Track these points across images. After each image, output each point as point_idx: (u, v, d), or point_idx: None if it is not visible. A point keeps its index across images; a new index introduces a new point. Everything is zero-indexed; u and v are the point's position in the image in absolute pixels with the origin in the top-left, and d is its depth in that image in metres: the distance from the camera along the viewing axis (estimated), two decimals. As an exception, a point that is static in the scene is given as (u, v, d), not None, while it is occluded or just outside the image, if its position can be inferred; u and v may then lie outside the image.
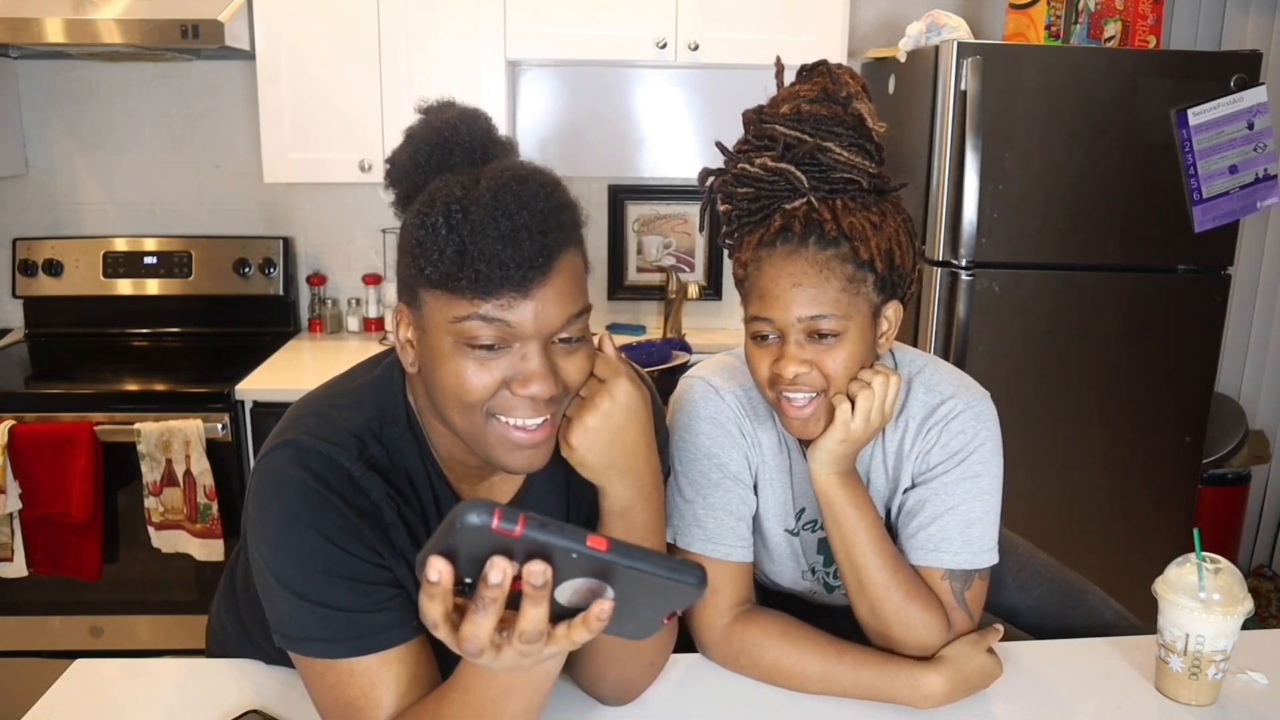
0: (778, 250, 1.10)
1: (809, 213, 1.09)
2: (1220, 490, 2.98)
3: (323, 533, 0.94)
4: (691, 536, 1.21)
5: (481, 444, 0.94)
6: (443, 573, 0.66)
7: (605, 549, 0.65)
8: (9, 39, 2.42)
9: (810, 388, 1.11)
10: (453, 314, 0.88)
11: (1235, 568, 1.15)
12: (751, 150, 1.15)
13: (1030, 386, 2.52)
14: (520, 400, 0.90)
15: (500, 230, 0.85)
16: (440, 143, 0.94)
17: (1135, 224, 2.47)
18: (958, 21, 2.46)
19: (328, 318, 3.00)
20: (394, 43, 2.57)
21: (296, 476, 0.95)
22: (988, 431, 1.20)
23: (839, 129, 1.12)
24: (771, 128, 1.13)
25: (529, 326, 0.88)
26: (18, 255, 2.86)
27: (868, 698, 1.15)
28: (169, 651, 2.50)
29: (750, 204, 1.14)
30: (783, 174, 1.11)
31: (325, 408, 1.01)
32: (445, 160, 0.93)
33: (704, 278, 3.11)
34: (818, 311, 1.08)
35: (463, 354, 0.89)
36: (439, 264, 0.87)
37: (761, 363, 1.13)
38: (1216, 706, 1.15)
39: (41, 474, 2.31)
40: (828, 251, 1.09)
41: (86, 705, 1.13)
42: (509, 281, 0.86)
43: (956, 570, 1.18)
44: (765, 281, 1.11)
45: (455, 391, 0.91)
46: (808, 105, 1.12)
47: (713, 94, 3.01)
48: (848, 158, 1.11)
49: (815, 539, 1.30)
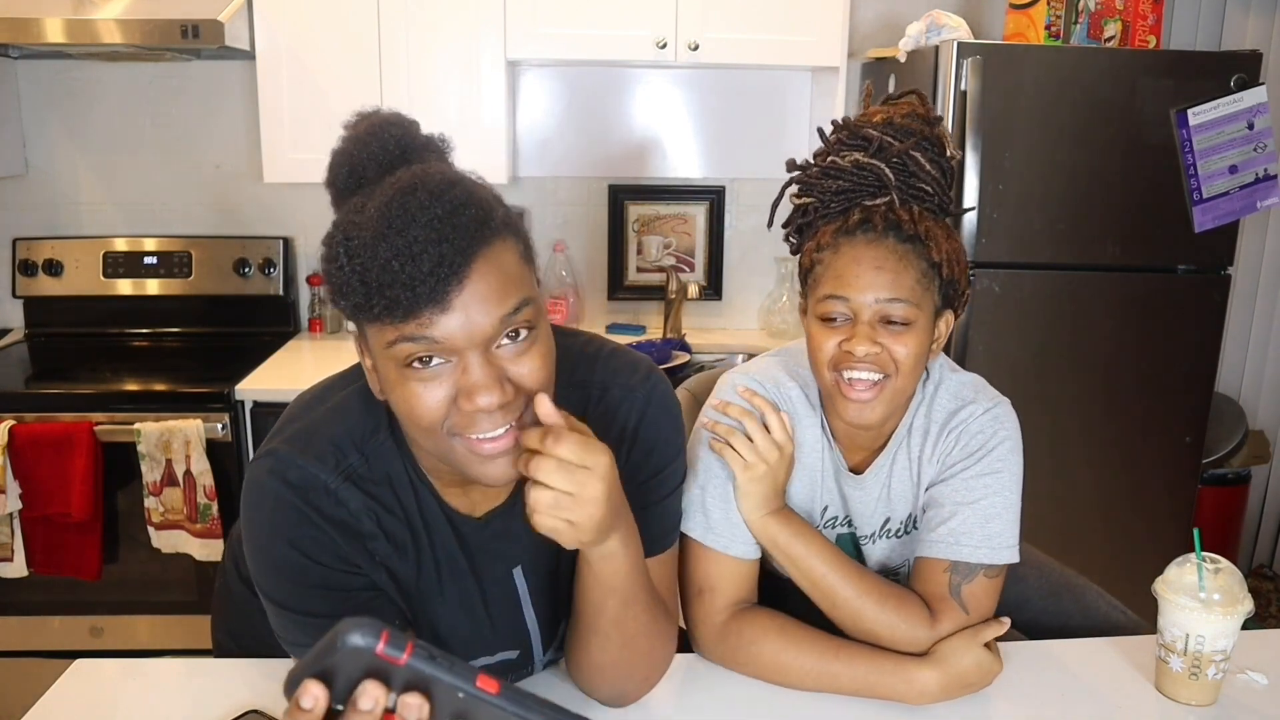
0: (858, 238, 1.15)
1: (889, 210, 1.15)
2: (1220, 490, 2.98)
3: (296, 545, 0.96)
4: (694, 522, 1.23)
5: (453, 461, 0.92)
6: (318, 699, 0.57)
7: (496, 693, 0.58)
8: (9, 39, 2.42)
9: (878, 368, 1.14)
10: (384, 340, 0.85)
11: (1235, 568, 1.15)
12: (842, 147, 1.20)
13: (1030, 386, 2.52)
14: (473, 415, 0.86)
15: (394, 248, 0.81)
16: (349, 163, 0.89)
17: (1135, 224, 2.47)
18: (958, 21, 2.46)
19: (328, 318, 3.00)
20: (394, 42, 2.57)
21: (274, 488, 0.96)
22: (1006, 431, 1.23)
23: (925, 144, 1.18)
24: (865, 130, 1.19)
25: (458, 339, 0.84)
26: (18, 255, 2.86)
27: (863, 694, 1.16)
28: (169, 651, 2.50)
29: (834, 196, 1.19)
30: (873, 170, 1.17)
31: (311, 415, 1.01)
32: (359, 179, 0.89)
33: (704, 278, 3.11)
34: (894, 295, 1.13)
35: (406, 377, 0.86)
36: (350, 296, 0.83)
37: (829, 341, 1.17)
38: (1216, 706, 1.15)
39: (41, 474, 2.31)
40: (905, 246, 1.14)
41: (86, 705, 1.13)
42: (420, 299, 0.81)
43: (960, 563, 1.18)
44: (844, 263, 1.15)
45: (410, 417, 0.88)
46: (900, 119, 1.19)
47: (713, 94, 3.01)
48: (930, 170, 1.17)
49: (834, 535, 1.31)
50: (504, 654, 1.13)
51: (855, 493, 1.28)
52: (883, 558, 1.33)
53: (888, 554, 1.32)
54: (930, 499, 1.24)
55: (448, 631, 1.08)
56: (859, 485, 1.27)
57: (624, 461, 1.07)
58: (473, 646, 1.11)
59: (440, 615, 1.07)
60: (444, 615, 1.07)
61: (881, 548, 1.31)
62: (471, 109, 2.63)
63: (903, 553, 1.32)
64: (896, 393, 1.16)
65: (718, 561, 1.22)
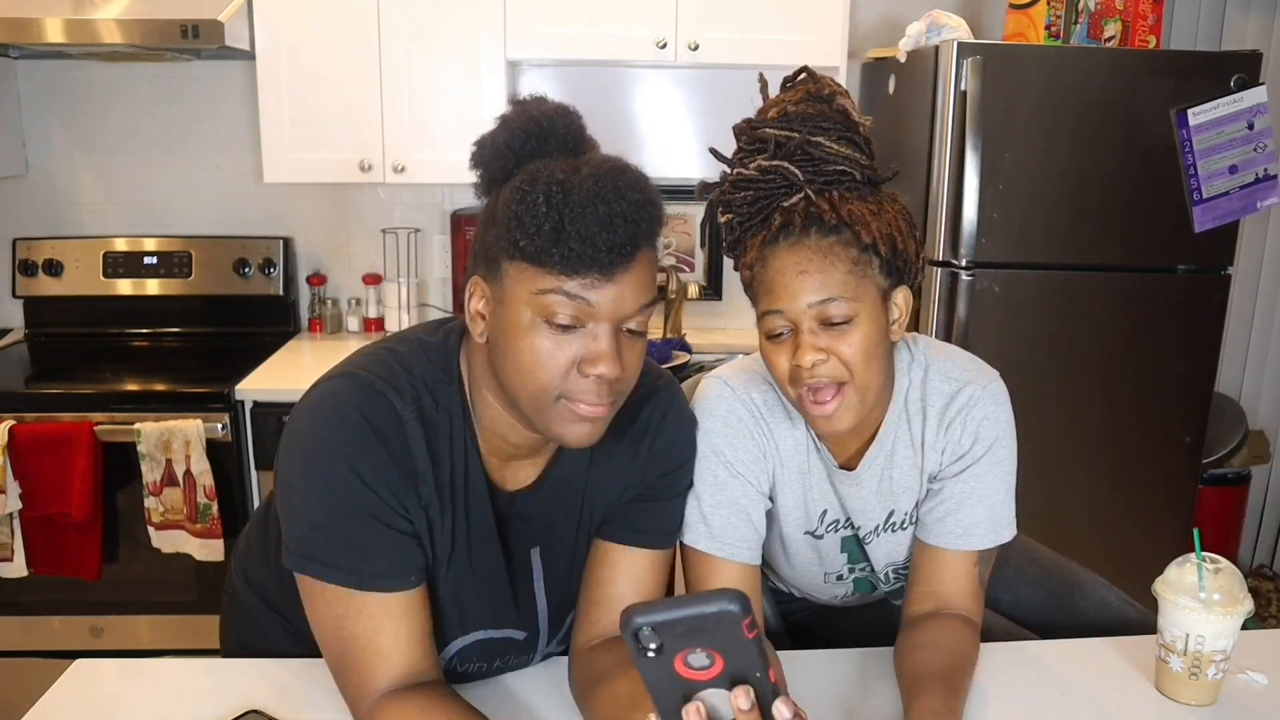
0: (780, 245, 1.11)
1: (807, 206, 1.11)
2: (1220, 490, 2.98)
3: (356, 469, 0.96)
4: (697, 534, 1.21)
5: (543, 417, 0.97)
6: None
7: (774, 681, 0.67)
8: (9, 39, 2.42)
9: (831, 378, 1.11)
10: (537, 286, 0.92)
11: (1235, 568, 1.15)
12: (745, 156, 1.16)
13: (1030, 386, 2.51)
14: (588, 383, 0.94)
15: (598, 214, 0.90)
16: (537, 131, 0.98)
17: (1135, 224, 2.47)
18: (958, 21, 2.46)
19: (328, 318, 3.00)
20: (394, 43, 2.57)
21: (347, 407, 0.98)
22: (1005, 414, 1.23)
23: (826, 124, 1.13)
24: (761, 131, 1.15)
25: (606, 309, 0.92)
26: (18, 255, 2.86)
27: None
28: (169, 651, 2.50)
29: (749, 207, 1.15)
30: (777, 171, 1.12)
31: (388, 353, 1.04)
32: (541, 147, 0.98)
33: (704, 278, 3.11)
34: (826, 295, 1.09)
35: (539, 329, 0.93)
36: (534, 238, 0.90)
37: (779, 359, 1.14)
38: (1216, 706, 1.15)
39: (41, 474, 2.31)
40: (830, 239, 1.10)
41: (86, 705, 1.13)
42: (597, 263, 0.90)
43: (985, 552, 1.23)
44: (771, 275, 1.12)
45: (530, 368, 0.94)
46: (793, 107, 1.15)
47: (713, 94, 3.01)
48: (838, 150, 1.13)
49: (839, 539, 1.30)
50: (511, 631, 1.14)
51: (851, 490, 1.26)
52: (888, 554, 1.32)
53: (892, 549, 1.31)
54: (942, 489, 1.23)
55: (465, 596, 1.09)
56: (854, 482, 1.25)
57: (645, 451, 1.12)
58: (484, 617, 1.12)
59: (462, 578, 1.08)
60: (465, 579, 1.08)
61: (885, 543, 1.30)
62: (471, 109, 2.62)
63: (908, 546, 1.31)
64: (862, 392, 1.13)
65: (720, 568, 1.21)
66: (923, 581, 1.25)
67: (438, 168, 2.64)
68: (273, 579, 1.21)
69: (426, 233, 3.02)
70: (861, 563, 1.33)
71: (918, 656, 1.14)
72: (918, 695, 1.06)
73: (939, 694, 1.05)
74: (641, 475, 1.14)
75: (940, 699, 1.04)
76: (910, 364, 1.24)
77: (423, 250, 3.02)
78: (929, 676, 1.09)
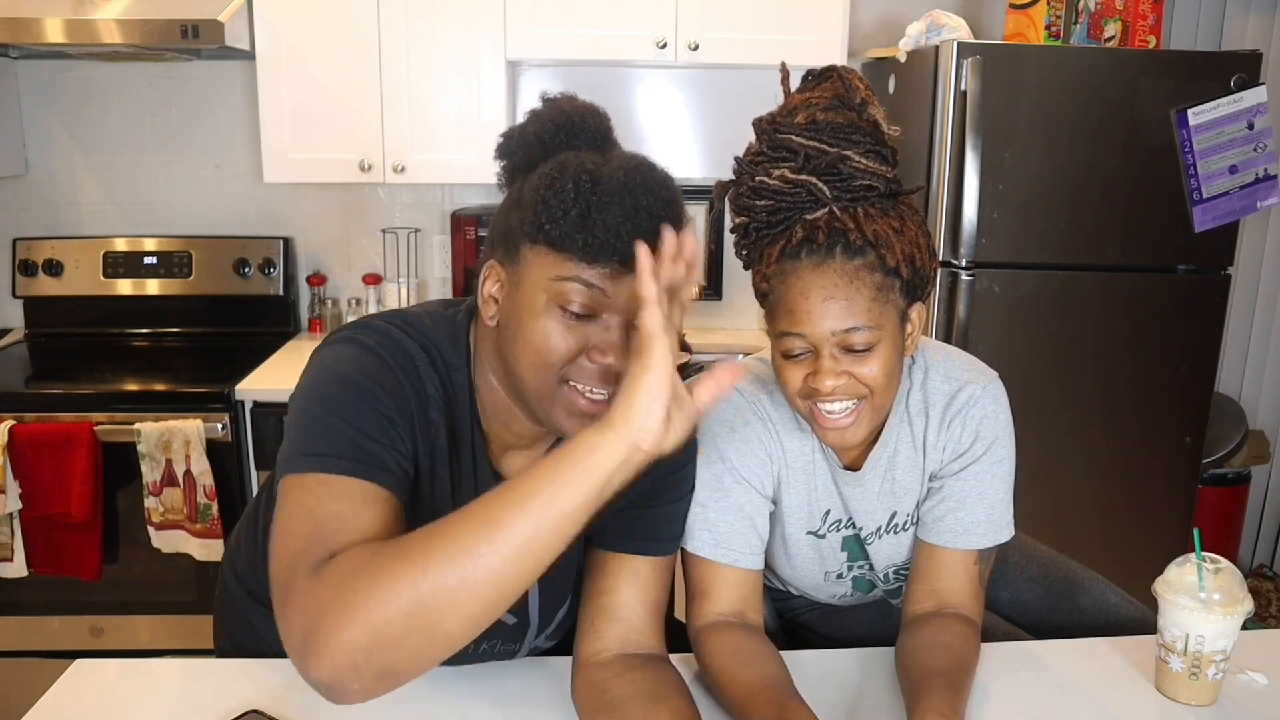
0: (803, 262, 1.08)
1: (831, 222, 1.08)
2: (1220, 490, 2.98)
3: (369, 383, 0.95)
4: (701, 540, 1.21)
5: (545, 405, 0.97)
6: None
7: None
8: (9, 39, 2.42)
9: (850, 396, 1.11)
10: (556, 272, 0.93)
11: (1235, 568, 1.15)
12: (767, 161, 1.13)
13: (1030, 386, 2.52)
14: (594, 369, 0.94)
15: (624, 205, 0.91)
16: (567, 125, 1.01)
17: (1135, 224, 2.47)
18: (958, 21, 2.46)
19: (328, 318, 2.99)
20: (394, 43, 2.57)
21: (365, 343, 0.99)
22: (1005, 414, 1.24)
23: (857, 136, 1.10)
24: (788, 138, 1.11)
25: (621, 301, 0.93)
26: (18, 255, 2.86)
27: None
28: (169, 651, 2.50)
29: (769, 216, 1.12)
30: (804, 185, 1.09)
31: (400, 317, 1.05)
32: (569, 141, 1.00)
33: (704, 278, 3.10)
34: (851, 324, 1.07)
35: (552, 314, 0.94)
36: (560, 222, 0.92)
37: (793, 377, 1.12)
38: (1216, 706, 1.15)
39: (41, 474, 2.31)
40: (855, 261, 1.07)
41: (86, 705, 1.13)
42: (618, 254, 0.91)
43: (984, 551, 1.23)
44: (794, 296, 1.09)
45: (538, 349, 0.94)
46: (823, 114, 1.11)
47: (713, 94, 3.01)
48: (867, 165, 1.09)
49: (840, 538, 1.31)
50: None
51: (854, 490, 1.26)
52: (889, 555, 1.32)
53: (894, 551, 1.31)
54: (943, 487, 1.24)
55: None
56: (858, 482, 1.25)
57: None
58: None
59: None
60: None
61: (887, 544, 1.30)
62: (471, 109, 2.62)
63: (909, 547, 1.31)
64: (877, 410, 1.13)
65: (721, 571, 1.21)
66: (923, 580, 1.25)
67: (438, 168, 2.64)
68: (261, 570, 1.20)
69: (426, 233, 3.02)
70: (861, 561, 1.34)
71: (921, 657, 1.14)
72: (922, 696, 1.06)
73: (943, 694, 1.05)
74: (645, 476, 1.12)
75: (944, 699, 1.04)
76: (911, 365, 1.25)
77: (423, 250, 3.02)
78: (932, 677, 1.09)
